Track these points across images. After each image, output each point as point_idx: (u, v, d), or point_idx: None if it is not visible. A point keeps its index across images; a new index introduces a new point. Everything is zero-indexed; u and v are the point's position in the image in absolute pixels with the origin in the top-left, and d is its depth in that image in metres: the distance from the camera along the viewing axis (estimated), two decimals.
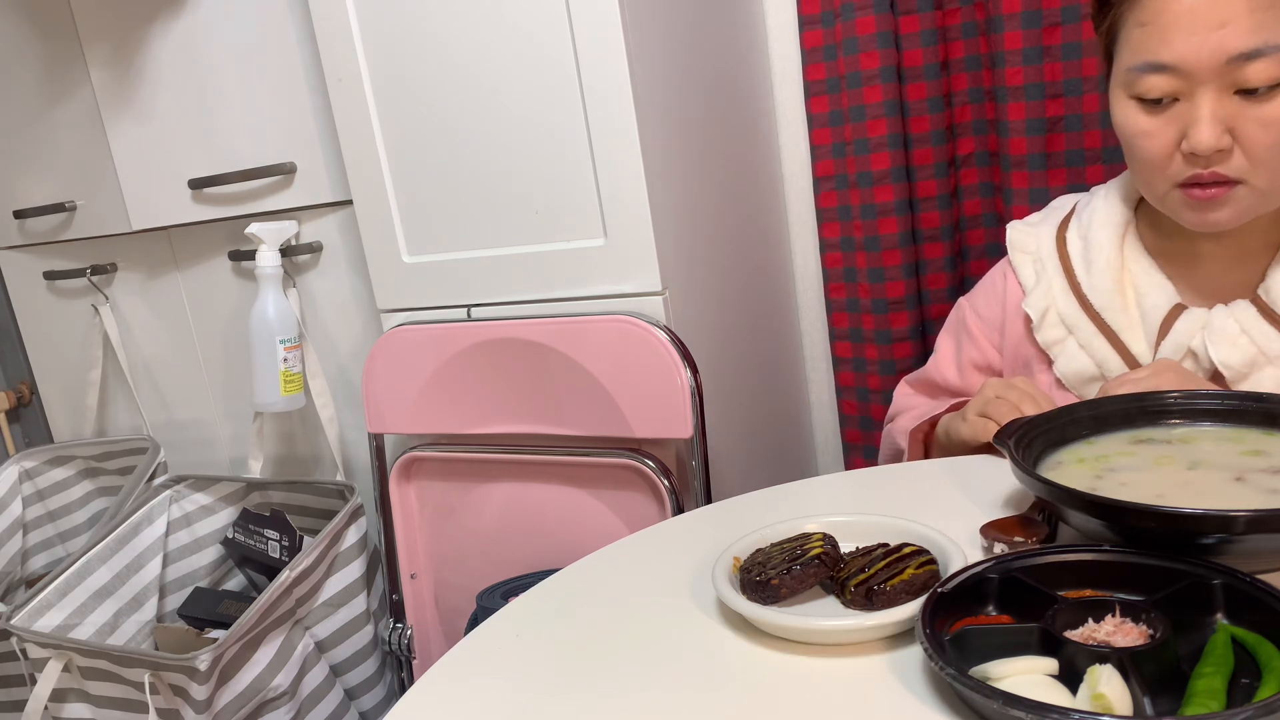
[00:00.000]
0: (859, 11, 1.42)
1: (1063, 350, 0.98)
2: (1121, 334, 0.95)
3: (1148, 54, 0.83)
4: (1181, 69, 0.82)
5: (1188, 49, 0.81)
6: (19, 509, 1.76)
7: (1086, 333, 0.97)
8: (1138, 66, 0.85)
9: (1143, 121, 0.87)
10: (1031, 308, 1.01)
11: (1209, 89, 0.81)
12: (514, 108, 1.23)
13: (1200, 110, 0.82)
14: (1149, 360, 0.93)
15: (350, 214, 1.49)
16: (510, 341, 1.29)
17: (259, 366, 1.52)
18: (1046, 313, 1.00)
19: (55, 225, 1.75)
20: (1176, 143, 0.85)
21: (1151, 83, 0.84)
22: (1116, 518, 0.65)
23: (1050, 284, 1.00)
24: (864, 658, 0.63)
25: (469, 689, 0.68)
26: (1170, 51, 0.82)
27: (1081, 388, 0.97)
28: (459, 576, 1.46)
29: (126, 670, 1.29)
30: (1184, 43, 0.81)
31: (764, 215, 1.55)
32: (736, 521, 0.86)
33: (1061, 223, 1.03)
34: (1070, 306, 0.98)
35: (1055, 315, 0.99)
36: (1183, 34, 0.81)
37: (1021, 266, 1.04)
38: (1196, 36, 0.80)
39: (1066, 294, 0.99)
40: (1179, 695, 0.54)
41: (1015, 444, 0.76)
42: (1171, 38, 0.81)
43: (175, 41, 1.52)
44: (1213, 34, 0.79)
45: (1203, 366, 0.92)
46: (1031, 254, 1.03)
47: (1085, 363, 0.97)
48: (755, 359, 1.50)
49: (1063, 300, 0.99)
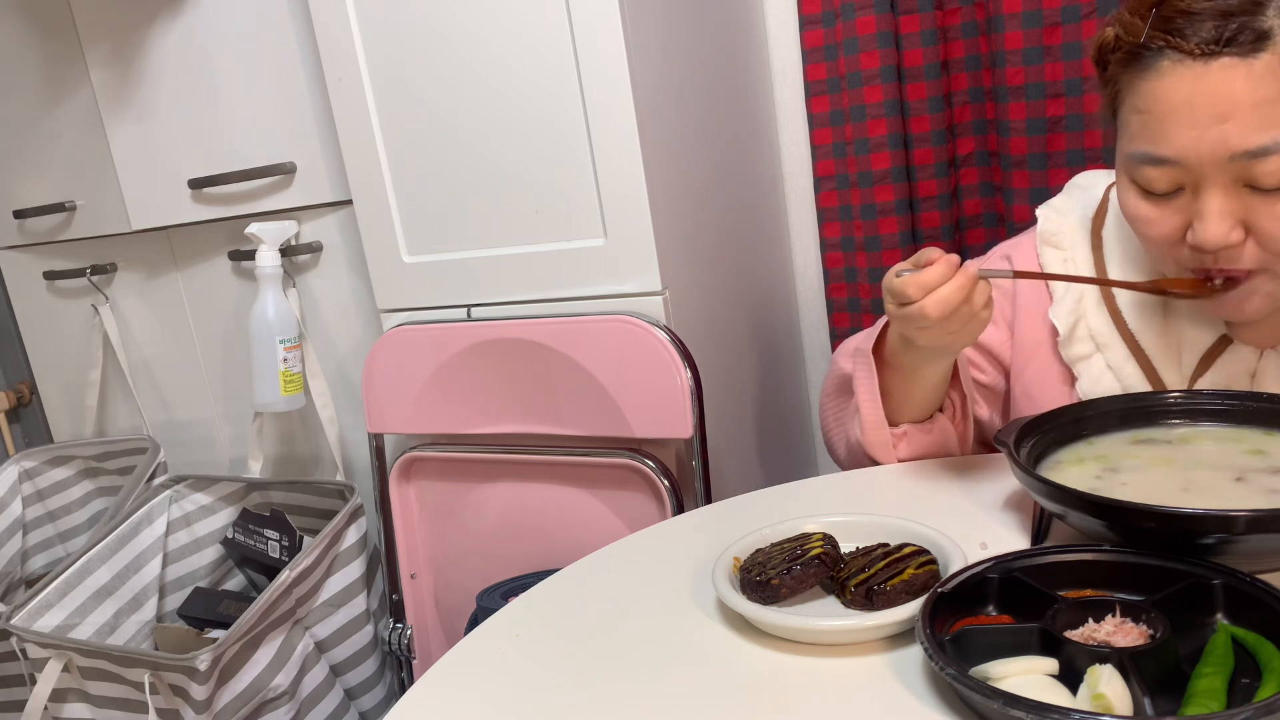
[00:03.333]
0: (859, 11, 1.42)
1: (1088, 368, 0.89)
2: (1155, 360, 0.86)
3: (1146, 144, 0.76)
4: (1183, 163, 0.74)
5: (1186, 144, 0.73)
6: (19, 509, 1.76)
7: (1118, 354, 0.88)
8: (1137, 155, 0.77)
9: (1144, 209, 0.79)
10: (1059, 319, 0.91)
11: (1215, 182, 0.74)
12: (514, 107, 1.23)
13: (1207, 206, 0.74)
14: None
15: (350, 214, 1.49)
16: (510, 341, 1.29)
17: (259, 366, 1.52)
18: (1076, 326, 0.90)
19: (55, 225, 1.75)
20: (1183, 231, 0.77)
21: (1152, 174, 0.76)
22: (1116, 518, 0.65)
23: (1083, 293, 0.90)
24: (864, 658, 0.63)
25: (469, 689, 0.68)
26: (1169, 146, 0.74)
27: None
28: (459, 576, 1.46)
29: (126, 670, 1.29)
30: (1182, 137, 0.73)
31: (764, 215, 1.55)
32: (736, 521, 0.86)
33: (1095, 215, 0.92)
34: (1102, 322, 0.89)
35: (1085, 329, 0.89)
36: (1181, 128, 0.73)
37: (1048, 266, 0.92)
38: (1195, 131, 0.72)
39: (1099, 308, 0.89)
40: (1179, 695, 0.54)
41: (1015, 444, 0.76)
42: (1170, 131, 0.73)
43: (175, 41, 1.52)
44: (1213, 129, 0.71)
45: None
46: (1064, 251, 0.92)
47: (1111, 385, 0.88)
48: (755, 359, 1.50)
49: (1094, 314, 0.89)
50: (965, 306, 0.78)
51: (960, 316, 0.78)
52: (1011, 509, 0.80)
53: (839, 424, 1.02)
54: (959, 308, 0.78)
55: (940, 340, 0.81)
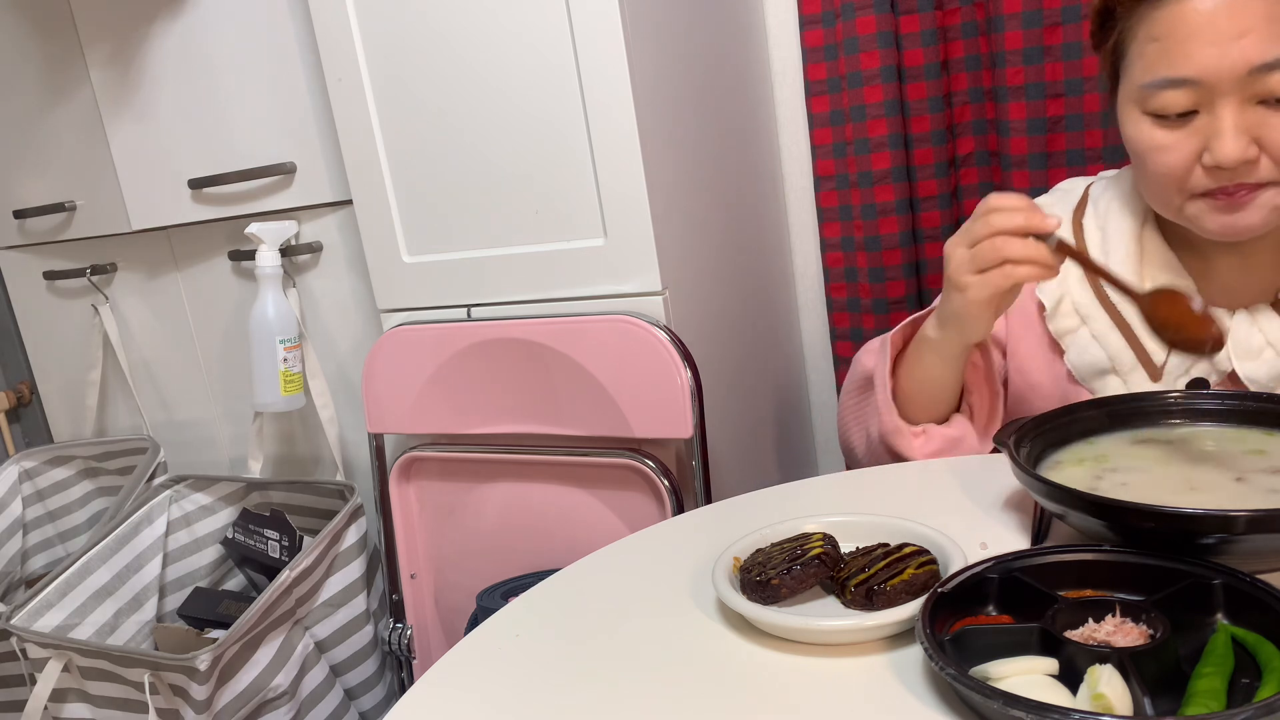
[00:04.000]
0: (859, 11, 1.42)
1: (1075, 340, 0.96)
2: (1136, 328, 0.93)
3: (1165, 69, 0.81)
4: (1202, 82, 0.79)
5: (1208, 61, 0.78)
6: (19, 509, 1.76)
7: (1101, 325, 0.94)
8: (1154, 83, 0.82)
9: (1159, 136, 0.84)
10: (1045, 294, 0.98)
11: (1230, 100, 0.79)
12: (514, 107, 1.23)
13: (1223, 123, 0.79)
14: (1162, 357, 0.91)
15: (350, 214, 1.49)
16: (510, 341, 1.29)
17: (259, 366, 1.52)
18: (1061, 301, 0.97)
19: (55, 225, 1.75)
20: (1197, 155, 0.82)
21: (1169, 98, 0.81)
22: (1116, 518, 0.65)
23: (1066, 272, 0.96)
24: (864, 658, 0.63)
25: (469, 689, 0.68)
26: (1190, 65, 0.79)
27: (1092, 380, 0.95)
28: (459, 576, 1.46)
29: (126, 670, 1.29)
30: (1204, 55, 0.78)
31: (764, 215, 1.55)
32: (736, 521, 0.86)
33: (1077, 208, 1.00)
34: (1085, 296, 0.96)
35: (1070, 304, 0.96)
36: (1202, 46, 0.78)
37: None
38: (1217, 48, 0.78)
39: (1082, 284, 0.96)
40: (1179, 695, 0.54)
41: (1015, 444, 0.76)
42: (1191, 50, 0.79)
43: (175, 41, 1.52)
44: (1234, 44, 0.77)
45: (1219, 369, 0.90)
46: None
47: (1097, 355, 0.94)
48: (755, 359, 1.50)
49: (1078, 290, 0.96)
50: (1019, 240, 0.82)
51: (1015, 246, 0.82)
52: (1011, 509, 0.80)
53: (858, 420, 1.05)
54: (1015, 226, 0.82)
55: (992, 279, 0.83)
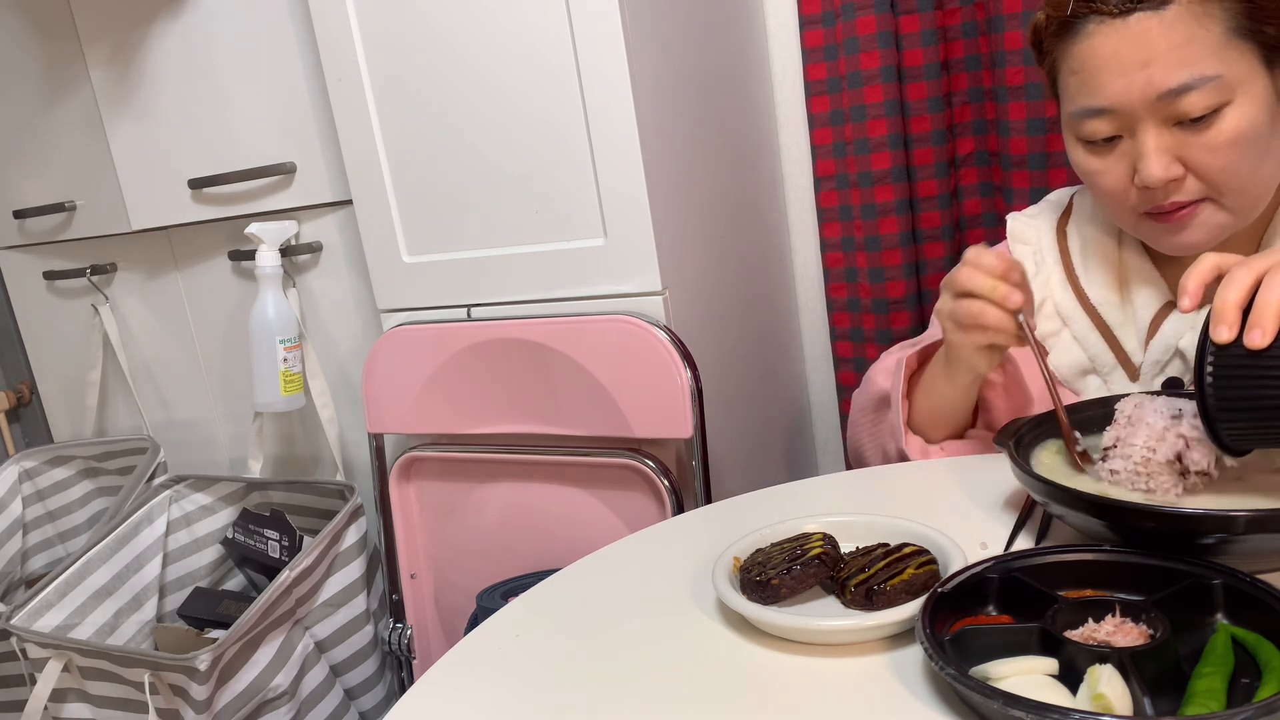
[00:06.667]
0: (859, 11, 1.42)
1: (1057, 342, 0.99)
2: (1115, 330, 0.96)
3: (1085, 99, 0.85)
4: (1118, 110, 0.83)
5: (1117, 90, 0.82)
6: (19, 509, 1.76)
7: (1082, 326, 0.97)
8: (1077, 112, 0.87)
9: (1092, 162, 0.88)
10: None
11: (1149, 124, 0.83)
12: (514, 107, 1.23)
13: (1145, 146, 0.83)
14: (1140, 357, 0.94)
15: (350, 214, 1.49)
16: (510, 341, 1.29)
17: (259, 366, 1.52)
18: (1043, 304, 1.00)
19: (55, 225, 1.75)
20: (1130, 177, 0.86)
21: (1093, 126, 0.86)
22: (1116, 518, 0.65)
23: (1049, 276, 1.00)
24: (864, 658, 0.63)
25: (469, 689, 0.68)
26: (1104, 95, 0.83)
27: (1074, 381, 0.98)
28: (459, 576, 1.46)
29: (126, 670, 1.29)
30: (1114, 85, 0.82)
31: (764, 215, 1.55)
32: (736, 521, 0.86)
33: (1061, 216, 1.04)
34: (1067, 299, 0.99)
35: (1052, 307, 1.00)
36: (1112, 77, 0.82)
37: (1021, 258, 1.04)
38: (1125, 78, 0.82)
39: (1064, 287, 0.99)
40: (1179, 695, 0.54)
41: (1015, 444, 0.76)
42: (1103, 82, 0.83)
43: (175, 41, 1.52)
44: (1140, 73, 0.81)
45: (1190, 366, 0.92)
46: (1031, 245, 1.04)
47: (1078, 356, 0.97)
48: (755, 359, 1.50)
49: (1060, 293, 0.99)
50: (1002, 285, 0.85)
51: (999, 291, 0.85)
52: (1011, 509, 0.80)
53: (874, 438, 1.09)
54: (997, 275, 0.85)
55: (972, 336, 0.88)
